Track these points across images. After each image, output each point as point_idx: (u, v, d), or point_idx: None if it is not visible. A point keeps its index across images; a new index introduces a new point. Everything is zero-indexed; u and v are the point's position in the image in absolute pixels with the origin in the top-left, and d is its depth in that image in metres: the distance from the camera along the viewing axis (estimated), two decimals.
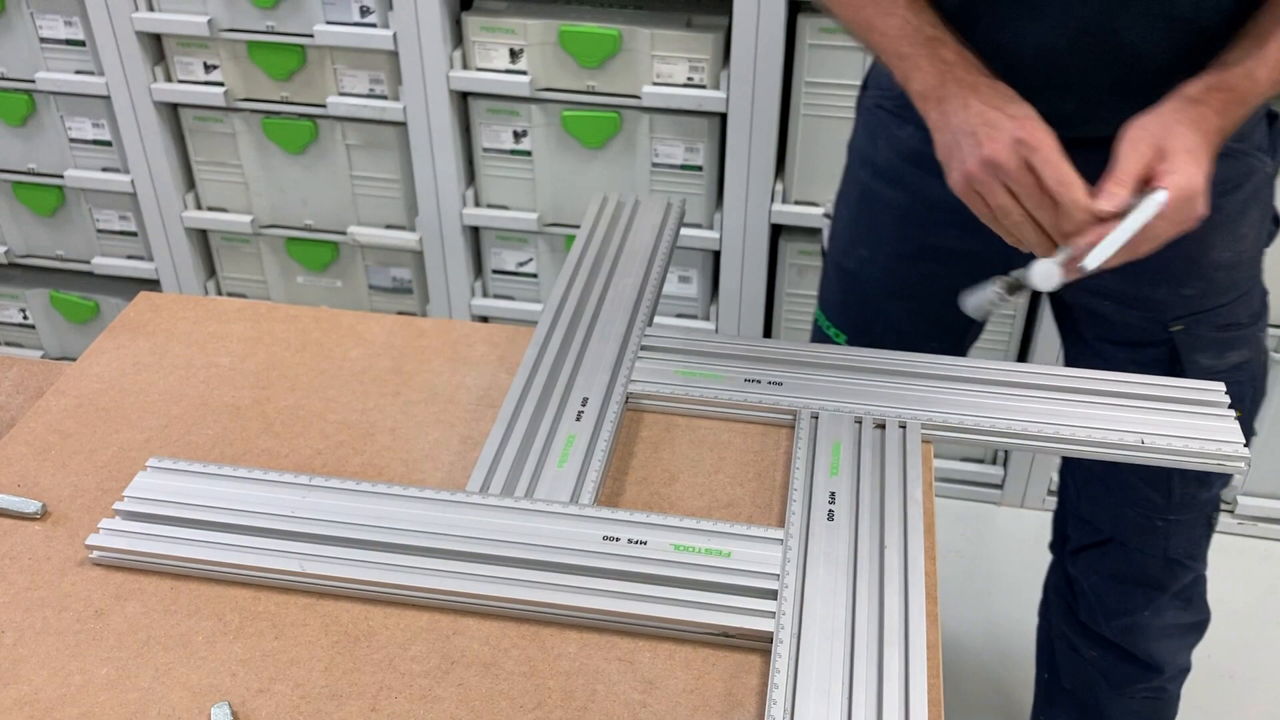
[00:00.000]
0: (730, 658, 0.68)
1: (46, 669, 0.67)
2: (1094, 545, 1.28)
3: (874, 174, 1.16)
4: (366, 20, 1.74)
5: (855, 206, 1.20)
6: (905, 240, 1.14)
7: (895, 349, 1.21)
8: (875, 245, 1.19)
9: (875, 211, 1.17)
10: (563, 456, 0.80)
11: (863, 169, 1.18)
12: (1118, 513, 1.21)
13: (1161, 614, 1.27)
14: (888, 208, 1.15)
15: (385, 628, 0.70)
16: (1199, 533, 1.22)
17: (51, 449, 0.83)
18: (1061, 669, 1.40)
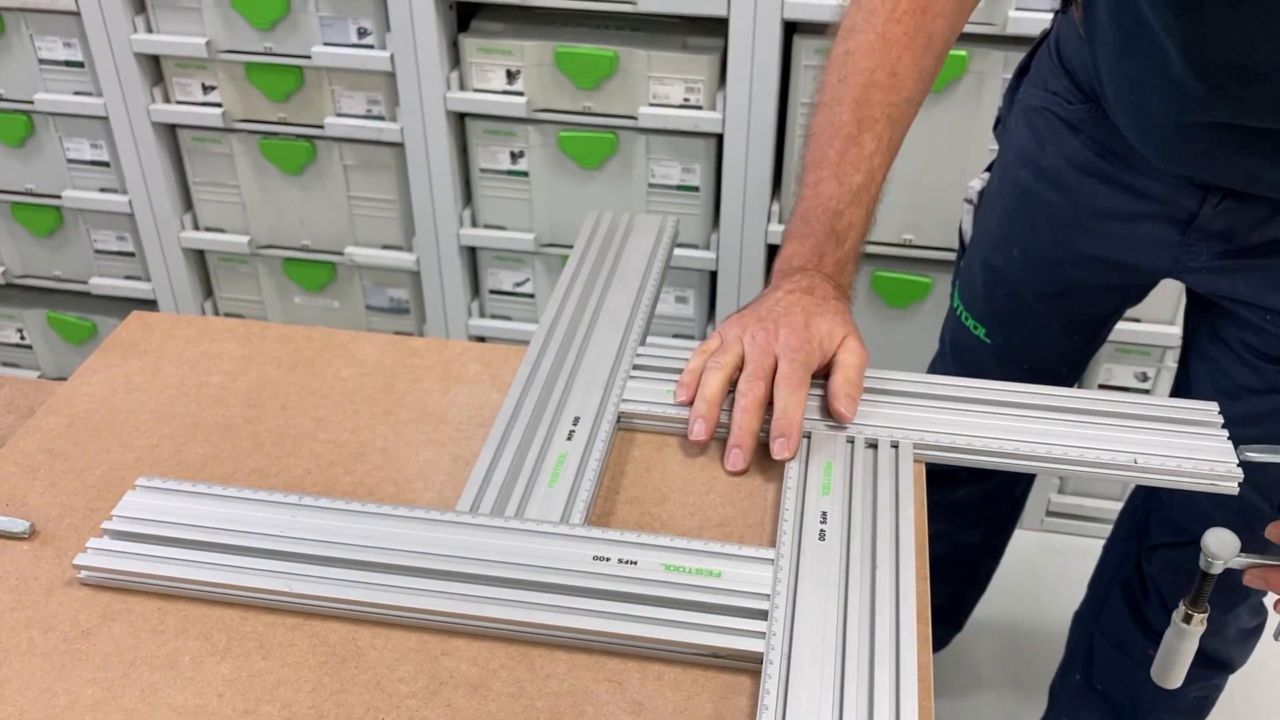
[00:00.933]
0: (720, 679, 0.67)
1: (32, 689, 0.67)
2: (1178, 545, 1.25)
3: (1037, 175, 1.14)
4: (364, 42, 1.74)
5: (1012, 205, 1.18)
6: (1062, 246, 1.13)
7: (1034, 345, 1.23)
8: (1029, 246, 1.18)
9: (1034, 213, 1.16)
10: (553, 476, 0.80)
11: (1025, 169, 1.16)
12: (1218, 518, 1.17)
13: (1238, 618, 1.26)
14: (1048, 211, 1.14)
15: (373, 648, 0.69)
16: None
17: (41, 468, 0.83)
18: (1099, 670, 1.38)
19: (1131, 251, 1.10)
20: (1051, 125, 1.12)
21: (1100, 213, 1.09)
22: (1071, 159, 1.10)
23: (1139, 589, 1.31)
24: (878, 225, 1.00)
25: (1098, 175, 1.08)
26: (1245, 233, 1.03)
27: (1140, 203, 1.07)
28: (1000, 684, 1.76)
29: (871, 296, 1.83)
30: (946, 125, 1.63)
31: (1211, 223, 1.04)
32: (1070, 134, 1.10)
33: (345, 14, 1.72)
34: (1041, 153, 1.14)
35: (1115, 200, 1.08)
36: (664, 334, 1.97)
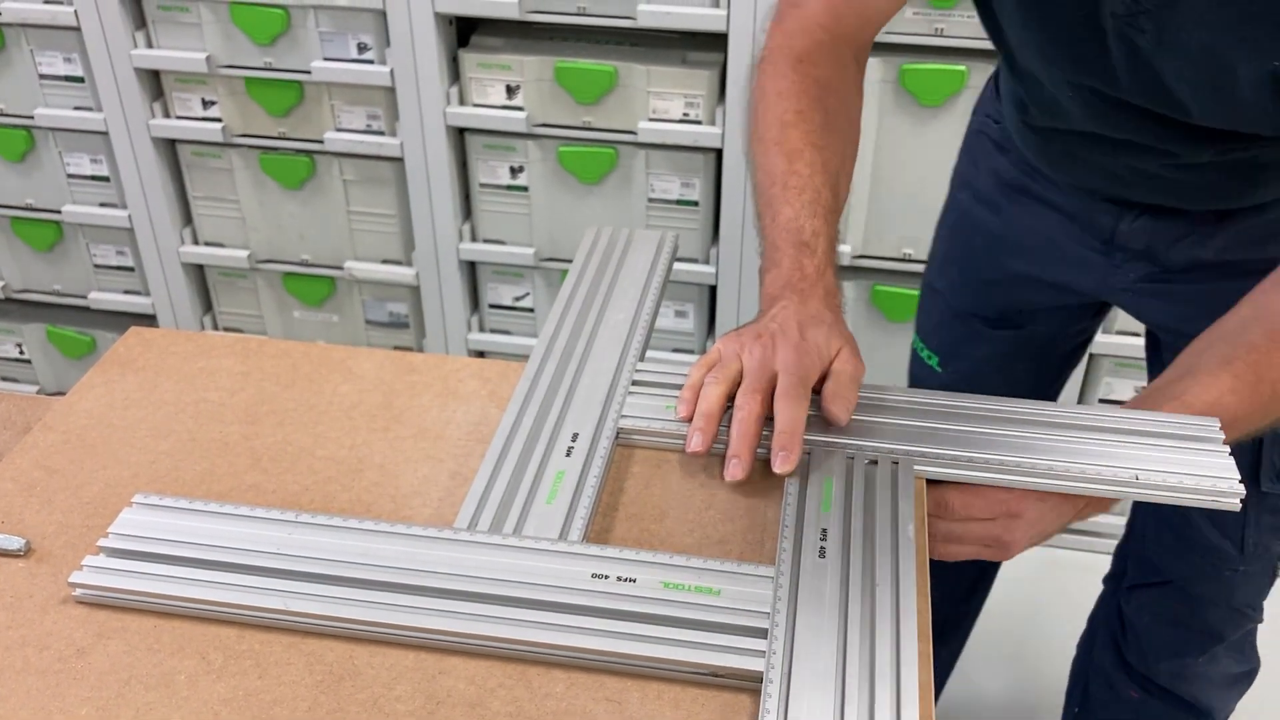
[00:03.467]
0: (720, 698, 0.67)
1: (26, 709, 0.66)
2: (1153, 585, 1.25)
3: (973, 197, 1.17)
4: (364, 57, 1.75)
5: (951, 229, 1.21)
6: (996, 266, 1.14)
7: (983, 374, 1.24)
8: (966, 267, 1.20)
9: (970, 234, 1.18)
10: (552, 493, 0.79)
11: (961, 191, 1.19)
12: (1186, 559, 1.18)
13: (1217, 662, 1.24)
14: (982, 231, 1.16)
15: (370, 667, 0.69)
16: (1264, 582, 1.20)
17: (37, 485, 0.83)
18: (1094, 707, 1.37)
19: (1061, 271, 1.11)
20: (984, 146, 1.15)
21: (1028, 231, 1.11)
22: (1001, 178, 1.13)
23: (1118, 629, 1.31)
24: (878, 239, 1.00)
25: (1025, 194, 1.10)
26: (1165, 251, 1.04)
27: (1065, 221, 1.09)
28: (1001, 700, 1.75)
29: (870, 310, 1.83)
30: (944, 140, 1.64)
31: (1131, 241, 1.05)
32: (999, 154, 1.13)
33: (345, 29, 1.73)
34: (976, 173, 1.16)
35: (1042, 219, 1.10)
36: (664, 348, 1.96)
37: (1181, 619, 1.23)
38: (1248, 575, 1.17)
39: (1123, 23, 0.84)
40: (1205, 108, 0.87)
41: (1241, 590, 1.19)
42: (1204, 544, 1.15)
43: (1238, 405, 0.82)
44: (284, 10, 1.72)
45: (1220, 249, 1.02)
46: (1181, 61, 0.84)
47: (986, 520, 0.83)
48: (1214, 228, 1.02)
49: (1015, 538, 0.83)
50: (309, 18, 1.72)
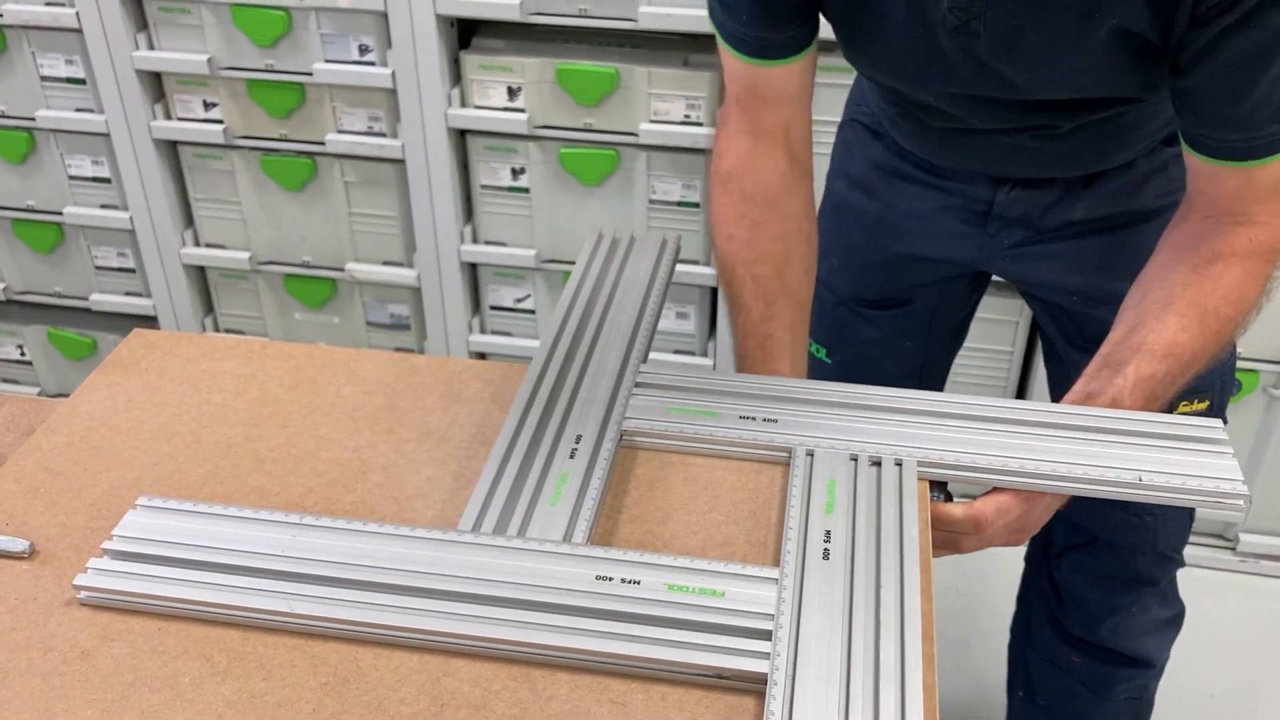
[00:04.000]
0: (724, 700, 0.67)
1: (30, 711, 0.66)
2: (1080, 546, 1.29)
3: (848, 184, 1.20)
4: (365, 59, 1.75)
5: (828, 217, 1.23)
6: (875, 249, 1.16)
7: (874, 357, 1.26)
8: (845, 253, 1.22)
9: (847, 220, 1.20)
10: (556, 495, 0.79)
11: (837, 179, 1.22)
12: (1108, 514, 1.22)
13: (1148, 609, 1.29)
14: (860, 217, 1.19)
15: (374, 669, 0.69)
16: (1184, 524, 1.24)
17: (41, 487, 0.83)
18: (1037, 685, 1.40)
19: (939, 246, 1.15)
20: (858, 134, 1.19)
21: (906, 212, 1.15)
22: (876, 163, 1.16)
23: (1053, 600, 1.34)
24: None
25: (900, 176, 1.14)
26: (1039, 217, 1.09)
27: (941, 198, 1.12)
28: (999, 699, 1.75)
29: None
30: None
31: (1007, 209, 1.10)
32: (873, 139, 1.16)
33: (346, 31, 1.73)
34: (850, 160, 1.20)
35: (918, 199, 1.14)
36: (665, 350, 1.96)
37: (1112, 572, 1.27)
38: (1168, 519, 1.21)
39: (956, 34, 0.88)
40: (1056, 85, 0.91)
41: (1164, 534, 1.23)
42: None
43: (1190, 341, 0.87)
44: (285, 12, 1.72)
45: (1089, 208, 1.08)
46: (1020, 53, 0.88)
47: None
48: (1083, 190, 1.08)
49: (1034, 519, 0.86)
50: (310, 19, 1.72)
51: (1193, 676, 1.76)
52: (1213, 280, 0.88)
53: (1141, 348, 0.87)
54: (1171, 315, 0.88)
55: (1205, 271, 0.88)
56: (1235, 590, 1.92)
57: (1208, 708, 1.72)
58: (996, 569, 1.97)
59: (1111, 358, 0.89)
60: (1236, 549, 1.94)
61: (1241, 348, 1.74)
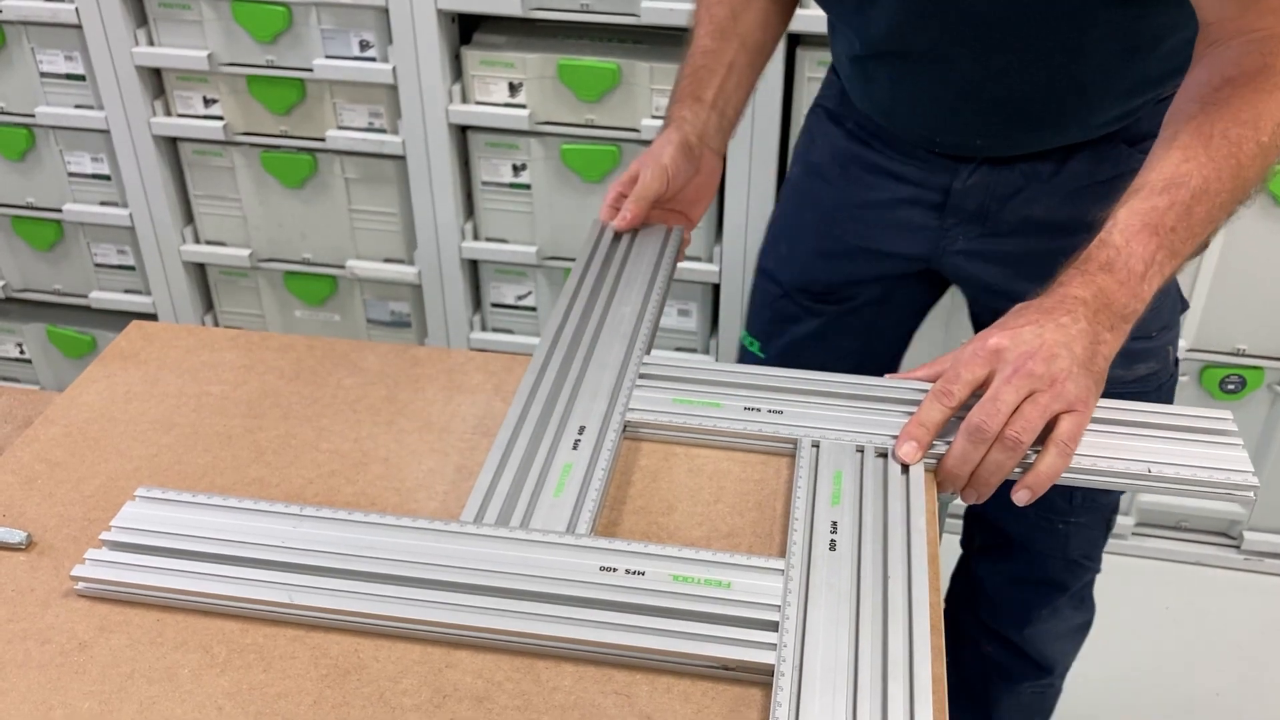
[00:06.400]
0: (730, 691, 0.66)
1: (28, 703, 0.65)
2: (996, 547, 1.30)
3: (806, 170, 1.19)
4: (366, 54, 1.74)
5: (785, 203, 1.23)
6: (827, 237, 1.14)
7: (807, 351, 1.24)
8: (796, 241, 1.21)
9: (803, 208, 1.20)
10: (559, 486, 0.78)
11: (797, 166, 1.21)
12: (1021, 517, 1.21)
13: (1059, 614, 1.30)
14: (816, 204, 1.18)
15: (376, 660, 0.68)
16: (1097, 534, 1.24)
17: (39, 478, 0.82)
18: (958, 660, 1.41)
19: (892, 239, 1.13)
20: (819, 119, 1.18)
21: (862, 202, 1.13)
22: (836, 149, 1.15)
23: (973, 592, 1.35)
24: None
25: (858, 163, 1.13)
26: (998, 211, 1.07)
27: (898, 187, 1.11)
28: None
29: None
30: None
31: (965, 200, 1.08)
32: (834, 125, 1.15)
33: (347, 26, 1.72)
34: (811, 146, 1.19)
35: (875, 188, 1.12)
36: (666, 347, 1.96)
37: (1025, 575, 1.27)
38: (1079, 526, 1.21)
39: None
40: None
41: (1075, 541, 1.22)
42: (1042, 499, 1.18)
43: (1197, 169, 0.81)
44: (286, 8, 1.71)
45: (1049, 207, 1.05)
46: None
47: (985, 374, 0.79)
48: (1045, 182, 1.05)
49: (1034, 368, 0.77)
50: (311, 15, 1.71)
51: (1197, 675, 1.75)
52: (1219, 105, 0.82)
53: (1141, 189, 0.82)
54: (1174, 149, 0.82)
55: (1212, 99, 0.82)
56: (1240, 589, 1.91)
57: (1212, 706, 1.71)
58: None
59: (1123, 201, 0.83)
60: (1241, 547, 1.93)
61: (1246, 344, 1.73)
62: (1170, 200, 0.80)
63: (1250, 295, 1.70)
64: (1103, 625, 1.83)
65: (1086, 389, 0.78)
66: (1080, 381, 0.78)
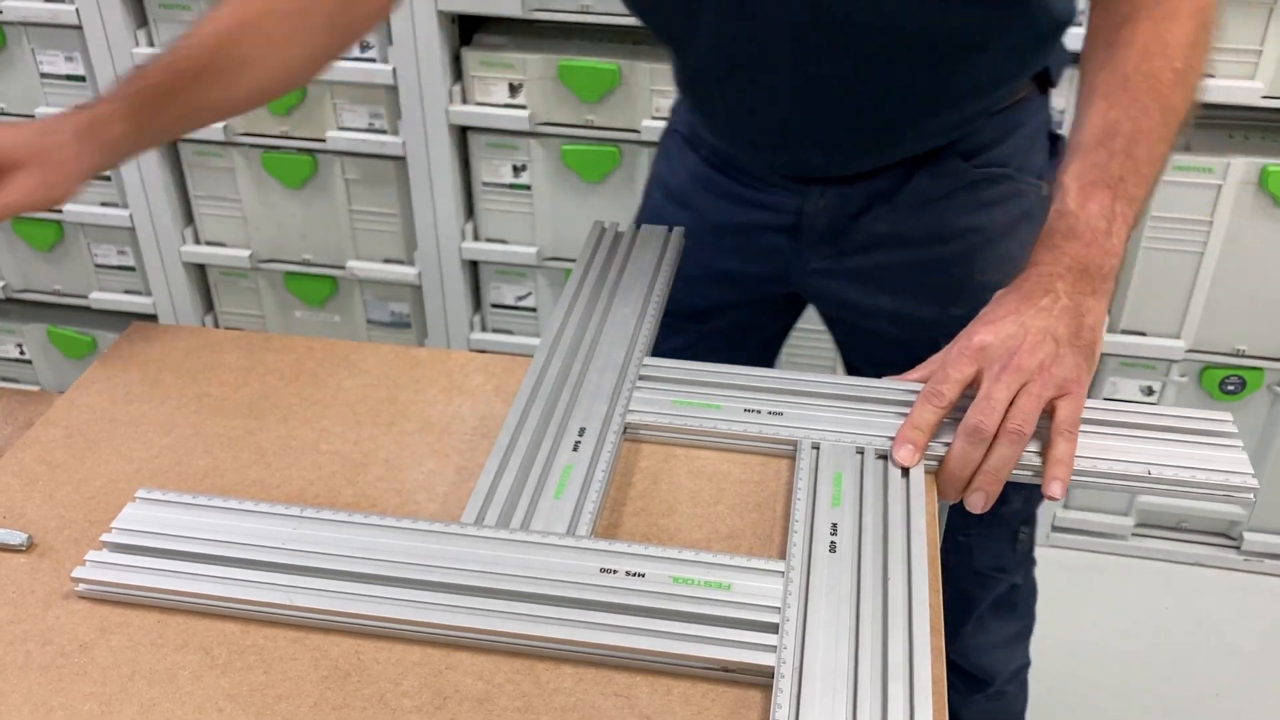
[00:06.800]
0: (730, 693, 0.66)
1: (28, 704, 0.65)
2: None
3: (666, 196, 1.19)
4: (366, 55, 1.74)
5: None
6: (689, 262, 1.14)
7: None
8: None
9: None
10: (559, 487, 0.78)
11: (656, 190, 1.21)
12: None
13: (985, 626, 1.29)
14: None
15: (376, 662, 0.68)
16: (1003, 546, 1.24)
17: (39, 480, 0.82)
18: None
19: (750, 263, 1.14)
20: (677, 145, 1.18)
21: (720, 227, 1.13)
22: (693, 175, 1.15)
23: None
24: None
25: (714, 190, 1.13)
26: (847, 230, 1.08)
27: (753, 212, 1.11)
28: None
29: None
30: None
31: (816, 221, 1.08)
32: (691, 150, 1.15)
33: None
34: (670, 173, 1.18)
35: (731, 214, 1.13)
36: None
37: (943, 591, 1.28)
38: (981, 538, 1.21)
39: None
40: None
41: (979, 554, 1.22)
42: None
43: (1122, 114, 0.81)
44: None
45: (895, 221, 1.06)
46: None
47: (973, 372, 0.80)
48: (889, 203, 1.05)
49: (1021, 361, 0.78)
50: None
51: (1197, 676, 1.75)
52: (1125, 44, 0.83)
53: (1078, 149, 0.82)
54: (1096, 101, 0.83)
55: (1116, 40, 0.83)
56: (1240, 590, 1.91)
57: (1212, 708, 1.71)
58: None
59: (1063, 167, 0.84)
60: (1241, 548, 1.93)
61: (1245, 345, 1.73)
62: (1109, 152, 0.81)
63: (1250, 296, 1.70)
64: (1103, 625, 1.83)
65: (1076, 366, 0.79)
66: (1068, 361, 0.79)
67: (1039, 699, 1.47)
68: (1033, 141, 1.07)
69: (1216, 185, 1.61)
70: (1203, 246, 1.67)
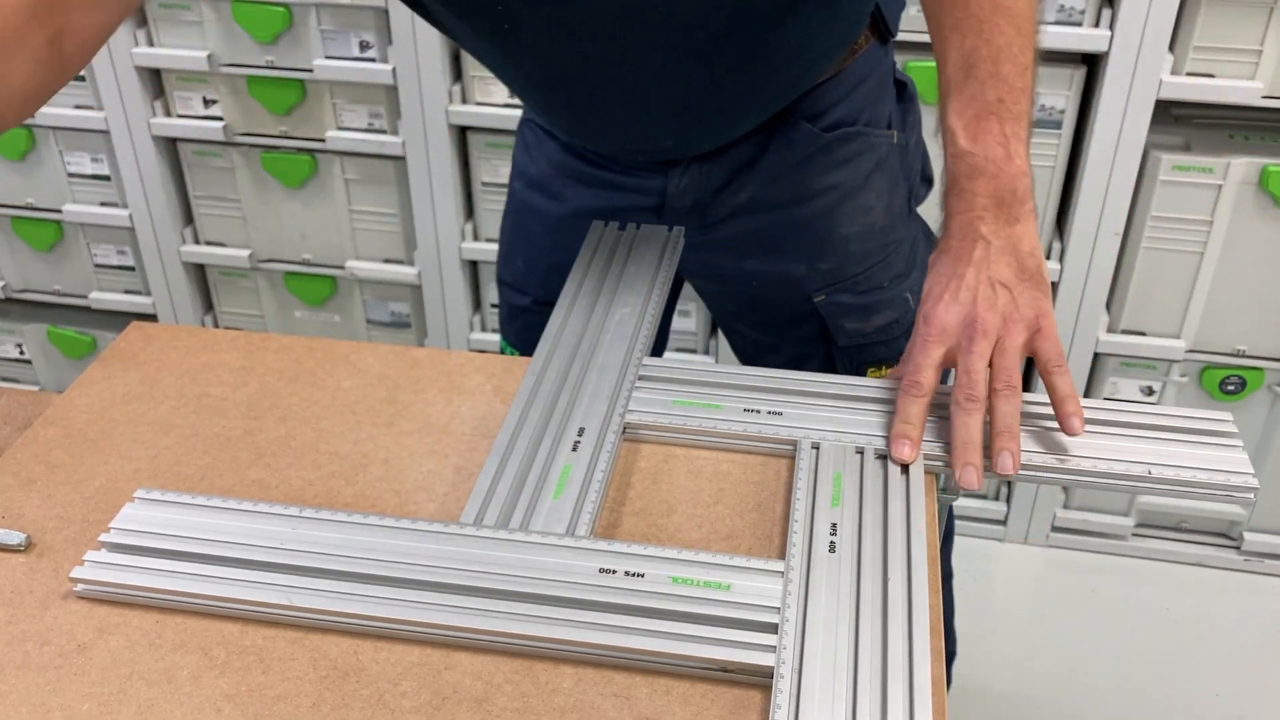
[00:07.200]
0: (730, 693, 0.66)
1: (26, 705, 0.65)
2: None
3: (527, 184, 1.19)
4: (366, 55, 1.74)
5: (511, 220, 1.23)
6: (559, 250, 1.14)
7: None
8: (530, 255, 1.21)
9: (529, 222, 1.20)
10: (558, 487, 0.78)
11: (517, 180, 1.21)
12: None
13: None
14: (541, 217, 1.18)
15: (375, 663, 0.68)
16: None
17: (37, 480, 0.82)
18: None
19: None
20: (536, 134, 1.17)
21: (585, 212, 1.13)
22: (554, 163, 1.15)
23: None
24: None
25: (576, 176, 1.13)
26: (711, 204, 1.09)
27: (617, 196, 1.12)
28: (1004, 701, 1.74)
29: None
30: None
31: (680, 200, 1.09)
32: (549, 139, 1.15)
33: (347, 27, 1.72)
34: (530, 162, 1.18)
35: (595, 198, 1.13)
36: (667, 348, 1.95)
37: None
38: None
39: None
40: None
41: None
42: None
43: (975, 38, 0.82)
44: (286, 8, 1.71)
45: (755, 190, 1.08)
46: None
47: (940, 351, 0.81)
48: (749, 174, 1.07)
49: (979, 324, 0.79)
50: (311, 16, 1.71)
51: (1197, 677, 1.75)
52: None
53: (949, 88, 0.83)
54: (948, 35, 0.83)
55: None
56: (1240, 590, 1.91)
57: (1213, 708, 1.71)
58: (997, 569, 1.97)
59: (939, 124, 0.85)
60: (1241, 548, 1.93)
61: (1246, 345, 1.73)
62: (979, 81, 0.82)
63: (1250, 296, 1.70)
64: (1103, 626, 1.83)
65: (1035, 300, 0.81)
66: (1025, 300, 0.80)
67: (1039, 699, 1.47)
68: (879, 93, 1.08)
69: (1217, 185, 1.61)
70: (1203, 246, 1.67)
